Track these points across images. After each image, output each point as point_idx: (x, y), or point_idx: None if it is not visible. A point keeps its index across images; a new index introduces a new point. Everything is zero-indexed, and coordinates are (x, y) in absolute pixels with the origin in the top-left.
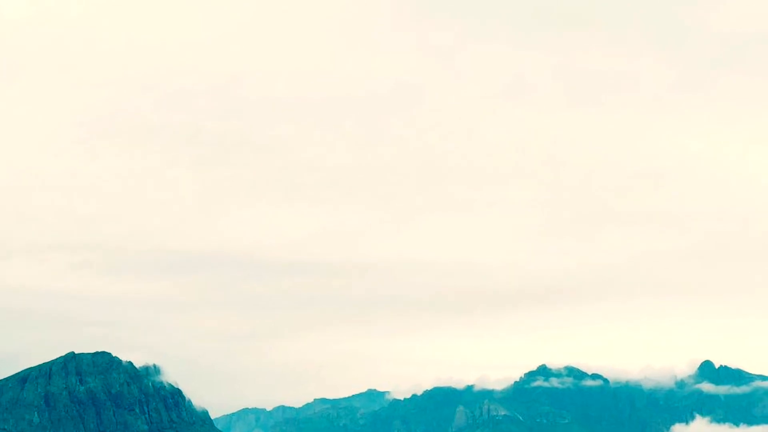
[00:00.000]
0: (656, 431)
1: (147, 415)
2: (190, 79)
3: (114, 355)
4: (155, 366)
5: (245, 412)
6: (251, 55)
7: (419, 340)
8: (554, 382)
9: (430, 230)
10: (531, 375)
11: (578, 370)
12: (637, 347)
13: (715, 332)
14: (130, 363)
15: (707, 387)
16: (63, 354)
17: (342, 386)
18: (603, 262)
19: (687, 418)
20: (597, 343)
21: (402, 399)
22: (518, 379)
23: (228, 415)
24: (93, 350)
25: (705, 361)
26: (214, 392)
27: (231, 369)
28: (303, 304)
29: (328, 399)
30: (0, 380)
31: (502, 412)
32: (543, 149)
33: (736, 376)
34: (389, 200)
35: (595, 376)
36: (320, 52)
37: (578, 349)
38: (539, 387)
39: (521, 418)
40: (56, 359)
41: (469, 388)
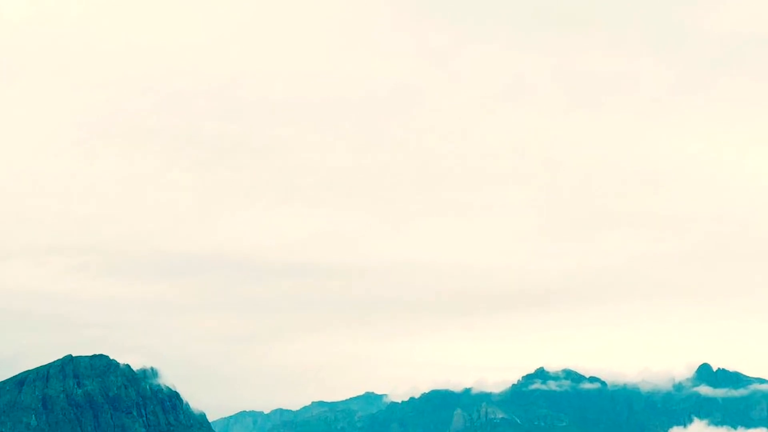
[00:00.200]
0: None
1: (145, 418)
2: (189, 81)
3: (111, 358)
4: (153, 369)
5: (243, 415)
6: (250, 57)
7: (417, 343)
8: (552, 385)
9: (429, 232)
10: (529, 378)
11: (576, 373)
12: (635, 350)
13: (713, 335)
14: (128, 366)
15: (705, 390)
16: (60, 357)
17: (339, 389)
18: (601, 265)
19: (685, 421)
20: (595, 346)
21: (399, 402)
22: (516, 382)
23: (226, 418)
24: (90, 353)
25: (703, 364)
26: (212, 395)
27: (229, 372)
28: (301, 307)
29: (326, 402)
30: None
31: (500, 415)
32: (541, 151)
33: (734, 379)
34: (387, 202)
35: (593, 379)
36: (319, 54)
37: (576, 352)
38: (537, 390)
39: (519, 421)
40: (54, 362)
41: (467, 391)
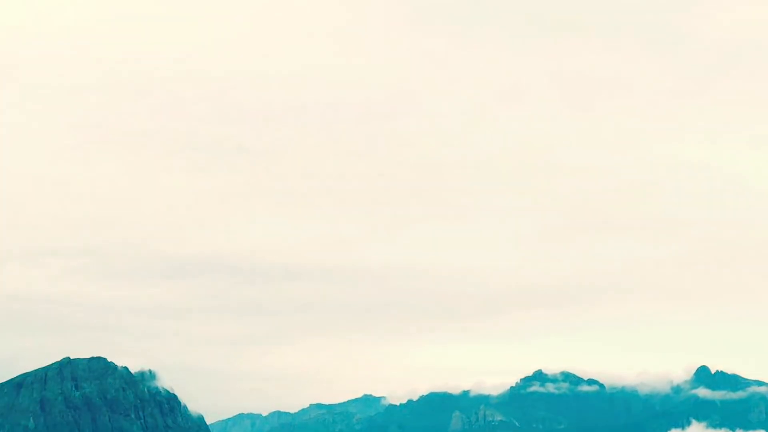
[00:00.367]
0: None
1: (142, 421)
2: (187, 85)
3: (109, 361)
4: (151, 371)
5: (241, 417)
6: (247, 61)
7: (415, 346)
8: (550, 388)
9: (426, 236)
10: (527, 380)
11: (574, 376)
12: (633, 352)
13: (711, 338)
14: (126, 368)
15: (703, 392)
16: (58, 359)
17: (338, 391)
18: (599, 268)
19: (683, 424)
20: (593, 349)
21: (398, 404)
22: (514, 385)
23: (223, 420)
24: (88, 355)
25: (701, 367)
26: (210, 397)
27: (226, 374)
28: (299, 310)
29: (324, 404)
30: None
31: (498, 418)
32: (539, 155)
33: (732, 382)
34: (385, 206)
35: (591, 382)
36: (316, 59)
37: (574, 355)
38: (535, 392)
39: (517, 424)
40: (51, 364)
41: (465, 394)
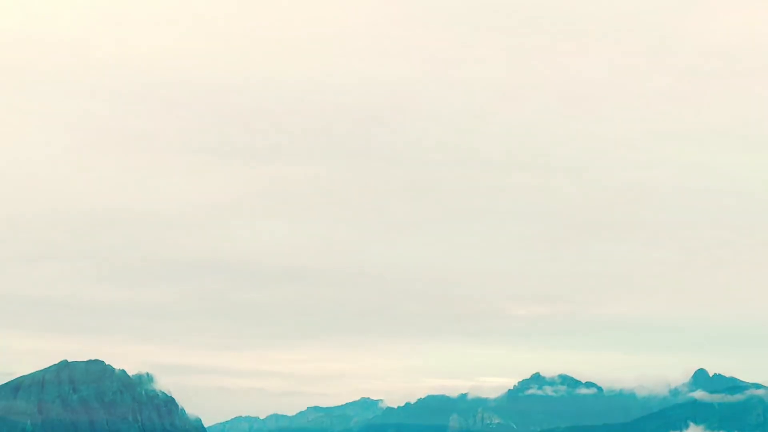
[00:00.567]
0: None
1: (140, 424)
2: (185, 88)
3: (107, 363)
4: (148, 374)
5: (238, 420)
6: (244, 64)
7: (413, 349)
8: (548, 390)
9: (424, 239)
10: (525, 383)
11: (572, 378)
12: (631, 355)
13: (709, 341)
14: (123, 371)
15: (701, 395)
16: (56, 362)
17: (335, 394)
18: (597, 270)
19: (681, 427)
20: (591, 352)
21: (396, 407)
22: (512, 387)
23: (221, 423)
24: (86, 358)
25: (699, 370)
26: (208, 400)
27: (224, 377)
28: (297, 313)
29: (322, 407)
30: None
31: (496, 420)
32: (536, 158)
33: (731, 385)
34: (383, 209)
35: (589, 384)
36: (314, 61)
37: (572, 358)
38: (533, 395)
39: (515, 426)
40: (49, 367)
41: (463, 396)
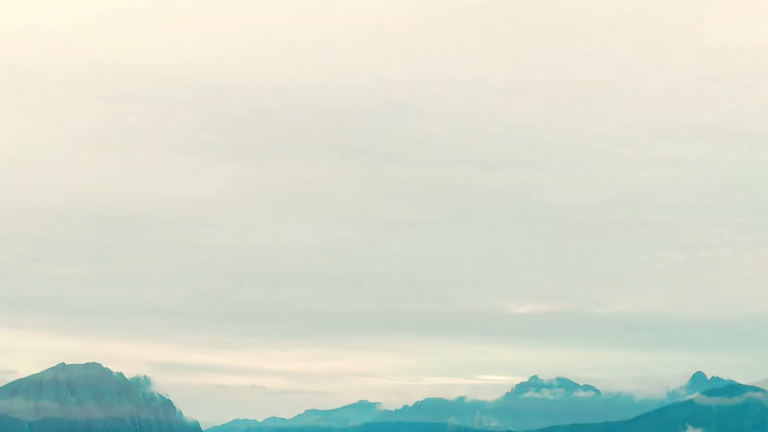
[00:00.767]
0: None
1: (138, 426)
2: (184, 91)
3: (104, 366)
4: (146, 377)
5: (236, 423)
6: (242, 67)
7: (411, 352)
8: (546, 393)
9: (422, 242)
10: (522, 386)
11: (570, 381)
12: (629, 358)
13: (708, 343)
14: (121, 374)
15: (699, 398)
16: (54, 365)
17: (333, 397)
18: (595, 273)
19: (679, 429)
20: (588, 355)
21: (393, 410)
22: (510, 390)
23: (219, 427)
24: (84, 361)
25: (697, 372)
26: (205, 403)
27: (222, 380)
28: (295, 316)
29: (320, 410)
30: None
31: (494, 423)
32: (536, 158)
33: (729, 388)
34: (381, 212)
35: (587, 387)
36: (315, 61)
37: (569, 361)
38: (531, 398)
39: (513, 429)
40: (47, 370)
41: (461, 399)
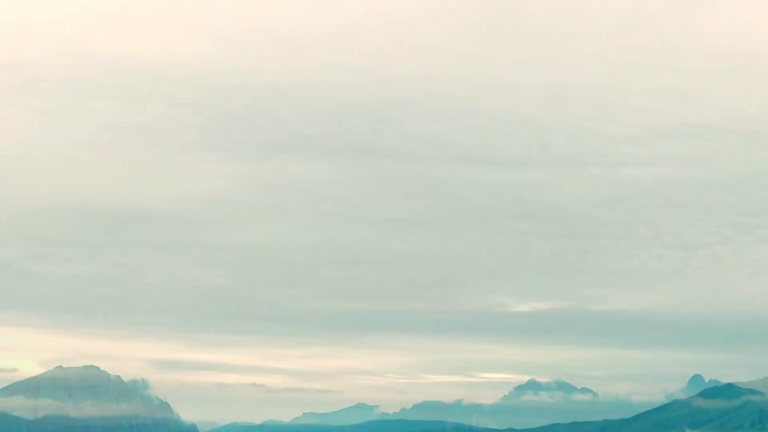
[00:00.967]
0: None
1: (135, 429)
2: (184, 91)
3: (102, 369)
4: (144, 380)
5: (234, 427)
6: (240, 68)
7: (411, 350)
8: (543, 396)
9: (421, 245)
10: (520, 389)
11: (568, 384)
12: (627, 361)
13: (706, 347)
14: (119, 377)
15: (698, 401)
16: (52, 368)
17: (331, 400)
18: (594, 272)
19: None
20: (586, 358)
21: (391, 413)
22: (507, 393)
23: (216, 430)
24: (82, 364)
25: (695, 375)
26: (204, 405)
27: (219, 383)
28: (293, 318)
29: (317, 413)
30: None
31: (491, 426)
32: (536, 157)
33: (727, 391)
34: (380, 213)
35: (585, 390)
36: (316, 60)
37: (568, 364)
38: (528, 401)
39: (512, 429)
40: (45, 373)
41: (458, 402)
